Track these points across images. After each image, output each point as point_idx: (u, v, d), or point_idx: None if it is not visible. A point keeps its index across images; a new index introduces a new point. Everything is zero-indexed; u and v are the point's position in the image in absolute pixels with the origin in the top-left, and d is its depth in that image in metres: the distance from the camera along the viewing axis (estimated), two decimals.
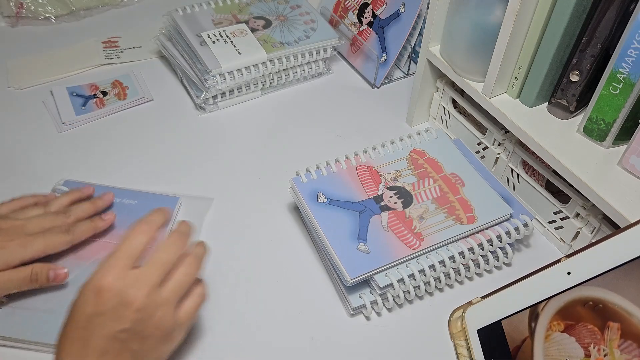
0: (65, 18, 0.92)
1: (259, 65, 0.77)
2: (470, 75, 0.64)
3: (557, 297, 0.46)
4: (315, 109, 0.80)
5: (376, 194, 0.60)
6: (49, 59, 0.84)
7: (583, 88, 0.57)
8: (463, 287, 0.60)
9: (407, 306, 0.58)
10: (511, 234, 0.58)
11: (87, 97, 0.78)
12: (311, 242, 0.63)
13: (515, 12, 0.54)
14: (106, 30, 0.90)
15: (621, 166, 0.55)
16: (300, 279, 0.60)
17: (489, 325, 0.51)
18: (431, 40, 0.67)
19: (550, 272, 0.48)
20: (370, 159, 0.64)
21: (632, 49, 0.50)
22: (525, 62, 0.58)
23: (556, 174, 0.60)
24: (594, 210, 0.56)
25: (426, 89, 0.73)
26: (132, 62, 0.85)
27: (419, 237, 0.57)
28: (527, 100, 0.61)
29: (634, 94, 0.52)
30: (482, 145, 0.69)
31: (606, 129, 0.55)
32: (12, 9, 0.89)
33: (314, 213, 0.58)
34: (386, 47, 0.81)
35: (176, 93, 0.81)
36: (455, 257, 0.56)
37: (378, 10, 0.82)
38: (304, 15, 0.84)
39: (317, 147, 0.74)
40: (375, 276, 0.54)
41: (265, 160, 0.72)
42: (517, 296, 0.50)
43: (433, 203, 0.60)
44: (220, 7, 0.84)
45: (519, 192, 0.66)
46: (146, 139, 0.74)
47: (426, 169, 0.63)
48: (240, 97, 0.79)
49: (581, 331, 0.44)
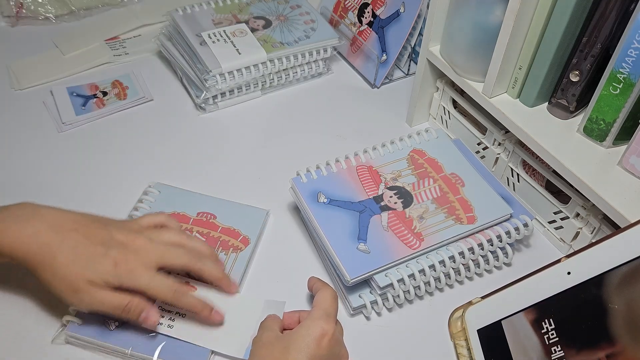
0: (65, 18, 0.91)
1: (259, 65, 0.77)
2: (471, 75, 0.64)
3: None
4: (315, 109, 0.80)
5: (376, 194, 0.60)
6: (50, 59, 0.84)
7: (583, 88, 0.57)
8: (463, 287, 0.60)
9: (407, 306, 0.58)
10: (511, 234, 0.58)
11: (87, 97, 0.78)
12: (311, 242, 0.63)
13: (515, 12, 0.54)
14: (106, 30, 0.90)
15: (621, 166, 0.55)
16: (301, 279, 0.59)
17: (489, 325, 0.51)
18: (431, 40, 0.67)
19: (550, 272, 0.48)
20: (370, 159, 0.64)
21: (632, 49, 0.50)
22: (525, 62, 0.58)
23: (556, 174, 0.60)
24: (594, 210, 0.56)
25: (426, 89, 0.73)
26: (132, 62, 0.85)
27: (419, 237, 0.57)
28: (527, 100, 0.61)
29: (634, 94, 0.52)
30: (482, 145, 0.69)
31: (606, 129, 0.55)
32: (12, 8, 0.89)
33: (314, 213, 0.58)
34: (386, 47, 0.81)
35: (176, 93, 0.81)
36: (455, 257, 0.56)
37: (378, 10, 0.82)
38: (304, 15, 0.84)
39: (317, 147, 0.74)
40: (375, 276, 0.54)
41: (265, 160, 0.72)
42: (517, 296, 0.50)
43: (433, 203, 0.60)
44: (220, 7, 0.84)
45: (519, 192, 0.66)
46: (146, 139, 0.74)
47: (426, 169, 0.63)
48: (240, 97, 0.79)
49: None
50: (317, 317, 0.47)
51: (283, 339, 0.47)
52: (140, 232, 0.51)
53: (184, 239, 0.53)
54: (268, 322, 0.50)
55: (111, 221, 0.52)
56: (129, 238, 0.50)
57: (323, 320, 0.47)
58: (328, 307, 0.49)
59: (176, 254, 0.51)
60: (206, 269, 0.52)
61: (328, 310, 0.49)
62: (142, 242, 0.50)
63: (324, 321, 0.47)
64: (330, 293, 0.50)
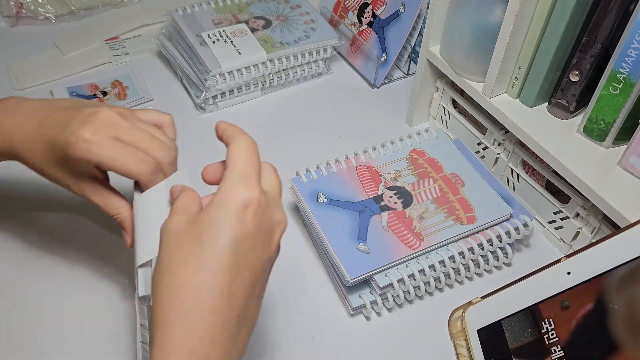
0: (65, 18, 0.91)
1: (259, 65, 0.77)
2: (470, 75, 0.64)
3: None
4: (315, 109, 0.80)
5: (376, 194, 0.60)
6: (50, 59, 0.84)
7: (583, 88, 0.57)
8: (463, 287, 0.60)
9: (407, 306, 0.58)
10: (511, 234, 0.58)
11: (87, 97, 0.78)
12: (311, 242, 0.63)
13: (515, 12, 0.54)
14: (106, 30, 0.90)
15: (621, 166, 0.55)
16: (300, 279, 0.60)
17: (489, 325, 0.51)
18: (431, 40, 0.67)
19: (550, 272, 0.48)
20: (370, 159, 0.64)
21: (632, 49, 0.50)
22: (525, 62, 0.58)
23: (556, 174, 0.60)
24: (594, 210, 0.56)
25: (426, 89, 0.73)
26: (131, 62, 0.85)
27: (419, 237, 0.56)
28: (527, 100, 0.61)
29: (633, 94, 0.52)
30: (482, 145, 0.69)
31: (606, 129, 0.55)
32: (12, 8, 0.89)
33: (314, 213, 0.58)
34: (386, 47, 0.81)
35: (176, 93, 0.81)
36: (455, 257, 0.56)
37: (378, 10, 0.82)
38: (304, 15, 0.84)
39: (317, 147, 0.74)
40: (375, 276, 0.54)
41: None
42: (517, 296, 0.50)
43: (433, 203, 0.60)
44: (220, 7, 0.84)
45: (519, 192, 0.66)
46: None
47: (426, 169, 0.63)
48: (240, 97, 0.79)
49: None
50: (232, 184, 0.36)
51: (194, 223, 0.36)
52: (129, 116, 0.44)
53: (161, 146, 0.44)
54: (180, 203, 0.38)
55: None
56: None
57: (241, 185, 0.35)
58: (245, 165, 0.37)
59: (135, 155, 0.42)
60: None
61: (245, 170, 0.36)
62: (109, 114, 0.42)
63: (243, 187, 0.35)
64: (245, 144, 0.38)
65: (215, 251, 0.34)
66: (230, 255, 0.34)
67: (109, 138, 0.42)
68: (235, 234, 0.35)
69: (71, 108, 0.45)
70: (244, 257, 0.35)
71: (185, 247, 0.35)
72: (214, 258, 0.34)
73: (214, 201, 0.35)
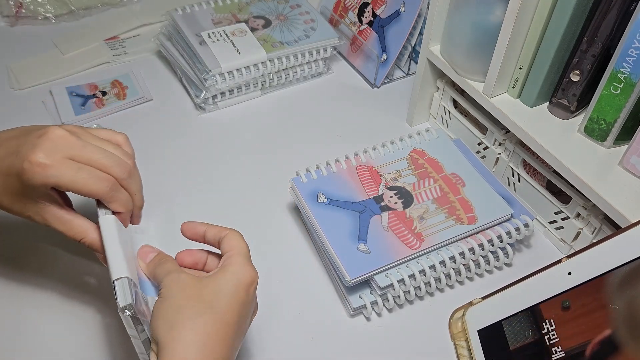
0: (64, 17, 0.91)
1: (259, 65, 0.76)
2: (471, 75, 0.64)
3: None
4: (315, 108, 0.80)
5: (376, 194, 0.60)
6: (49, 59, 0.84)
7: (584, 88, 0.57)
8: (463, 288, 0.59)
9: (407, 307, 0.58)
10: (512, 234, 0.58)
11: (87, 96, 0.78)
12: (311, 242, 0.63)
13: (515, 11, 0.53)
14: (105, 30, 0.89)
15: (622, 166, 0.55)
16: (300, 279, 0.59)
17: (489, 325, 0.51)
18: (431, 40, 0.67)
19: (551, 272, 0.47)
20: (371, 159, 0.64)
21: (632, 49, 0.49)
22: (525, 61, 0.58)
23: (557, 174, 0.60)
24: (595, 210, 0.56)
25: (426, 89, 0.73)
26: (131, 62, 0.85)
27: (420, 237, 0.56)
28: (527, 100, 0.61)
29: (634, 94, 0.52)
30: (483, 145, 0.69)
31: (607, 129, 0.55)
32: (12, 8, 0.89)
33: (314, 213, 0.58)
34: (386, 47, 0.81)
35: (176, 93, 0.81)
36: (455, 258, 0.56)
37: (378, 10, 0.82)
38: (304, 14, 0.84)
39: (317, 147, 0.74)
40: (375, 276, 0.54)
41: (265, 160, 0.72)
42: (517, 296, 0.50)
43: (433, 203, 0.60)
44: (220, 7, 0.84)
45: (519, 192, 0.66)
46: (145, 138, 0.74)
47: (426, 169, 0.63)
48: (240, 97, 0.79)
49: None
50: (243, 264, 0.44)
51: (208, 281, 0.43)
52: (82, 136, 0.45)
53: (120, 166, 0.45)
54: (172, 265, 0.45)
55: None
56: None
57: (248, 266, 0.44)
58: (247, 252, 0.45)
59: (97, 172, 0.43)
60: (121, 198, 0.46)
61: (247, 253, 0.45)
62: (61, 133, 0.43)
63: (250, 267, 0.44)
64: (238, 234, 0.46)
65: (230, 303, 0.42)
66: (238, 317, 0.43)
67: (63, 159, 0.42)
68: (243, 301, 0.43)
69: (20, 135, 0.45)
70: (244, 318, 0.44)
71: (205, 296, 0.42)
72: (224, 318, 0.41)
73: (228, 270, 0.43)
